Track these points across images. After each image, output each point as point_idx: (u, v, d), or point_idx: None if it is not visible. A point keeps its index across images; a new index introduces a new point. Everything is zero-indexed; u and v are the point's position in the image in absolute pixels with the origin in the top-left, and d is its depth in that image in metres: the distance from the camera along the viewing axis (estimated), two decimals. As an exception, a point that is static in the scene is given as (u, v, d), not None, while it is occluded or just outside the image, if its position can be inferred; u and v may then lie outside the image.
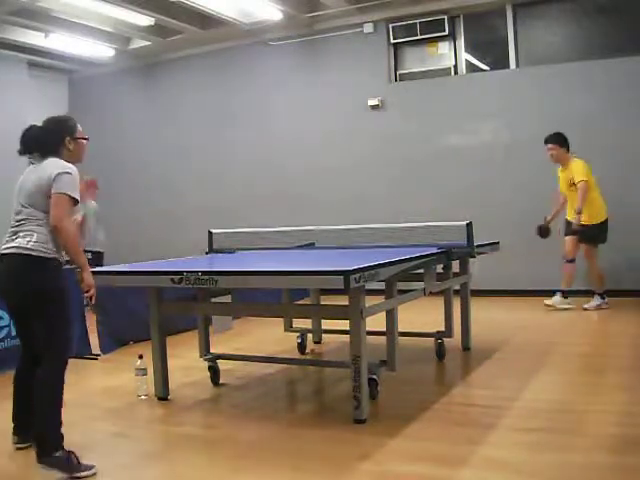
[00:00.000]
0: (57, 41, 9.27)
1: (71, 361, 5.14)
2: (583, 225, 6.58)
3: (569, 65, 7.87)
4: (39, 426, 2.93)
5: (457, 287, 5.12)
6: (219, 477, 2.91)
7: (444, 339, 4.90)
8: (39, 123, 3.24)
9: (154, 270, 3.96)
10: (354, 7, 8.65)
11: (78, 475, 2.85)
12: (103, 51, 9.82)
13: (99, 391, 4.44)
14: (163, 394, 4.07)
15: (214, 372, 4.43)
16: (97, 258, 7.48)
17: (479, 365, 4.69)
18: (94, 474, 2.88)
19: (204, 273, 3.43)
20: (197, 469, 2.99)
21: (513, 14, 8.26)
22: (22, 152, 3.22)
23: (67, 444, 3.33)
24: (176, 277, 3.48)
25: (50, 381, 2.97)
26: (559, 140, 6.72)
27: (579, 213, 6.53)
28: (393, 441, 3.19)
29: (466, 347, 5.13)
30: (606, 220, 6.76)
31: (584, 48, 7.94)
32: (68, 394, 4.28)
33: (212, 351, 4.51)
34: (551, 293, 7.40)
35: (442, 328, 4.98)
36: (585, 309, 6.70)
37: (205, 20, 9.03)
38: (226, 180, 9.83)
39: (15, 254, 2.98)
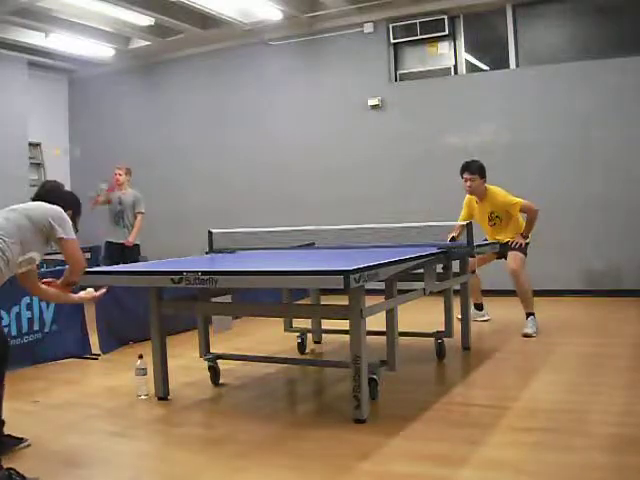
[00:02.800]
0: (57, 41, 9.28)
1: (71, 361, 5.24)
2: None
3: (569, 65, 7.87)
4: None
5: (457, 287, 5.13)
6: (219, 477, 2.90)
7: (444, 339, 4.90)
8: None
9: (154, 270, 3.96)
10: (354, 7, 8.66)
11: None
12: (103, 51, 9.83)
13: (99, 391, 4.44)
14: (163, 394, 4.06)
15: (214, 372, 4.43)
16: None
17: (479, 365, 4.69)
18: None
19: (204, 273, 3.42)
20: (197, 469, 2.98)
21: (513, 14, 8.25)
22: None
23: (67, 444, 3.34)
24: (176, 277, 3.47)
25: None
26: (480, 171, 5.75)
27: (526, 237, 5.73)
28: (393, 441, 3.19)
29: (466, 347, 5.12)
30: None
31: (584, 48, 7.94)
32: (68, 394, 4.30)
33: (212, 351, 4.51)
34: (551, 293, 7.41)
35: (442, 328, 4.98)
36: (527, 335, 5.52)
37: (205, 20, 9.04)
38: (226, 180, 9.83)
39: None
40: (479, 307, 6.31)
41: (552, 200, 7.53)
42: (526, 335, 5.50)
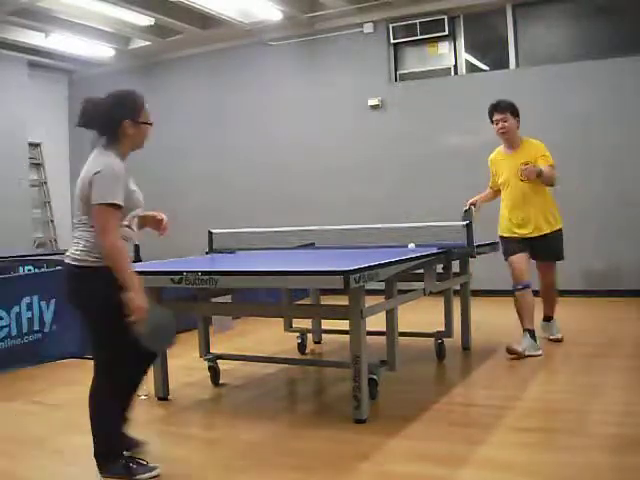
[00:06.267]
0: (57, 41, 9.28)
1: (71, 361, 5.23)
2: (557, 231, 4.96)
3: (569, 65, 7.87)
4: (94, 440, 2.88)
5: (457, 287, 5.13)
6: (219, 477, 2.91)
7: (444, 339, 4.90)
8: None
9: (154, 270, 3.96)
10: (354, 7, 8.65)
11: (139, 478, 2.82)
12: (103, 51, 9.83)
13: (99, 391, 4.43)
14: (163, 394, 4.06)
15: (214, 372, 4.43)
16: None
17: (479, 365, 4.69)
18: (157, 475, 2.86)
19: (204, 273, 3.43)
20: (197, 469, 2.98)
21: (513, 14, 8.25)
22: (79, 124, 2.87)
23: (67, 444, 3.34)
24: (176, 277, 3.48)
25: (96, 397, 2.90)
26: (512, 108, 4.97)
27: (539, 174, 4.68)
28: (393, 441, 3.19)
29: (466, 347, 5.13)
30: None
31: (584, 48, 7.94)
32: (68, 394, 4.30)
33: (212, 351, 4.51)
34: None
35: (442, 328, 4.98)
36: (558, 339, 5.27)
37: (205, 20, 9.04)
38: (226, 180, 9.83)
39: (66, 263, 2.81)
40: (532, 334, 4.89)
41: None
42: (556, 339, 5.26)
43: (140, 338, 2.65)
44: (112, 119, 2.82)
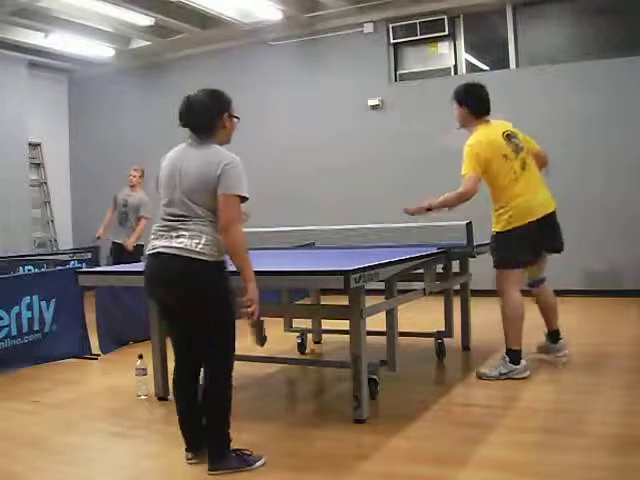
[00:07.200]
0: (57, 41, 9.29)
1: (71, 361, 5.24)
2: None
3: (569, 65, 7.87)
4: (214, 434, 2.91)
5: (457, 287, 5.12)
6: (219, 477, 2.90)
7: (444, 339, 4.90)
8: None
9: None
10: (354, 7, 8.66)
11: (252, 467, 2.88)
12: (103, 51, 9.84)
13: (99, 391, 4.44)
14: (163, 394, 4.06)
15: (214, 372, 4.42)
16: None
17: (479, 365, 4.68)
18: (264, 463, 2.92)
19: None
20: (197, 469, 2.98)
21: (513, 14, 8.26)
22: (182, 124, 2.91)
23: (67, 444, 3.34)
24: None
25: (219, 385, 2.93)
26: (461, 95, 4.55)
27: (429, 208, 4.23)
28: (393, 441, 3.19)
29: (466, 347, 5.12)
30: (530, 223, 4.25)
31: (584, 48, 7.94)
32: (68, 394, 4.30)
33: (212, 351, 4.50)
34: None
35: (442, 328, 4.98)
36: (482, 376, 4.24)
37: (205, 20, 9.04)
38: (226, 180, 9.81)
39: (180, 255, 2.74)
40: (555, 336, 4.55)
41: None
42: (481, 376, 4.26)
43: (252, 329, 2.75)
44: (215, 111, 2.92)
